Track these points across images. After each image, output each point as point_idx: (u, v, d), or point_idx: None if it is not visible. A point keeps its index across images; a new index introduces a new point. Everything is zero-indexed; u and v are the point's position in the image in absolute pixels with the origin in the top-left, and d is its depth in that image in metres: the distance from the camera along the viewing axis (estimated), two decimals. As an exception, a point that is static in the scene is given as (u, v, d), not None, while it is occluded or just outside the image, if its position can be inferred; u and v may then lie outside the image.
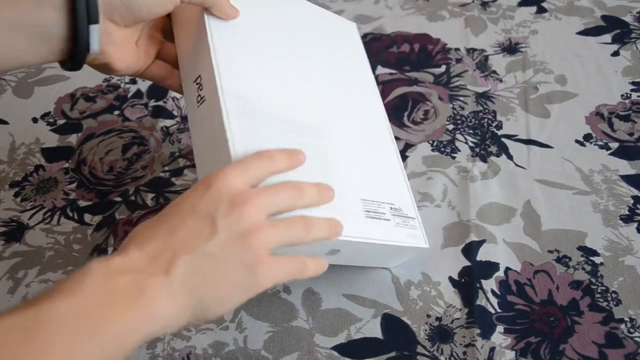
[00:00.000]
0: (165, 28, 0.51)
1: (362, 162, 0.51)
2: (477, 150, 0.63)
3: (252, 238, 0.36)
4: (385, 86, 0.72)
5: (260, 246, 0.37)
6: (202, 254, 0.35)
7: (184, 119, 0.72)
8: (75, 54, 0.42)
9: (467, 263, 0.54)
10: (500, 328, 0.49)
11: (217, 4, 0.46)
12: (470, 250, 0.54)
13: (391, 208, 0.49)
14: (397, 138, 0.66)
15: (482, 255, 0.54)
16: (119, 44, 0.45)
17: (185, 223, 0.36)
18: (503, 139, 0.64)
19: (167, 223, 0.37)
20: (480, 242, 0.55)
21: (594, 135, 0.63)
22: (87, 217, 0.62)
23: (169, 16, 0.51)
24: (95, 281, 0.33)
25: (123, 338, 0.33)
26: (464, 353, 0.48)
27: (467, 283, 0.52)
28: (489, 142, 0.64)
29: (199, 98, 0.45)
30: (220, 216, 0.36)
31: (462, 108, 0.68)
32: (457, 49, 0.76)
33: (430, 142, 0.65)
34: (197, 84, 0.45)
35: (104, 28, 0.42)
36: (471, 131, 0.66)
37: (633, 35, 0.74)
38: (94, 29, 0.41)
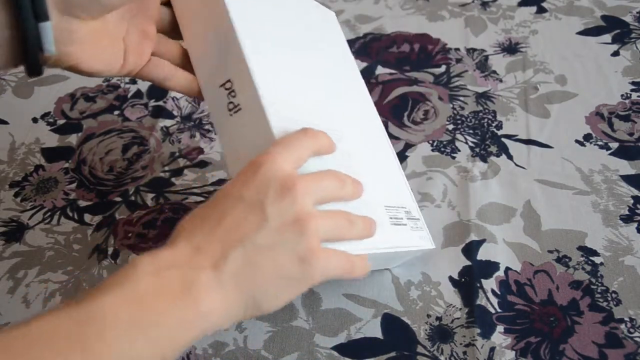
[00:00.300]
0: (165, 20, 0.46)
1: (375, 164, 0.49)
2: (477, 150, 0.63)
3: (304, 225, 0.34)
4: (385, 86, 0.72)
5: (313, 234, 0.34)
6: (252, 245, 0.33)
7: (184, 118, 0.72)
8: (27, 57, 0.36)
9: (467, 263, 0.54)
10: (500, 328, 0.49)
11: None
12: (470, 250, 0.54)
13: (404, 212, 0.48)
14: (397, 138, 0.66)
15: (482, 255, 0.54)
16: (87, 42, 0.38)
17: (233, 211, 0.34)
18: (503, 139, 0.64)
19: (214, 212, 0.35)
20: (480, 242, 0.55)
21: (594, 135, 0.63)
22: (87, 217, 0.62)
23: (170, 6, 0.46)
24: (142, 277, 0.32)
25: (173, 336, 0.31)
26: (464, 353, 0.48)
27: (467, 283, 0.52)
28: (489, 142, 0.64)
29: (232, 106, 0.41)
30: (270, 202, 0.34)
31: (462, 108, 0.68)
32: (457, 49, 0.76)
33: (430, 142, 0.65)
34: (226, 89, 0.42)
35: (61, 25, 0.36)
36: (471, 131, 0.66)
37: (633, 35, 0.74)
38: (44, 28, 0.35)
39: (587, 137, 0.63)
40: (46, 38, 0.35)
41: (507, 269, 0.53)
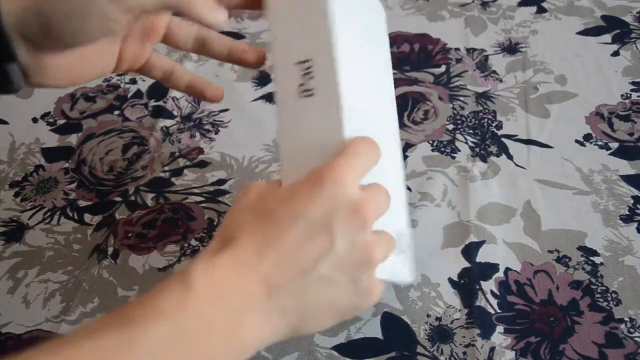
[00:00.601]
0: None
1: (395, 180, 0.45)
2: (477, 150, 0.63)
3: (371, 257, 0.32)
4: (385, 86, 0.72)
5: (375, 266, 0.33)
6: (315, 275, 0.31)
7: (184, 118, 0.72)
8: None
9: (467, 264, 0.53)
10: (500, 328, 0.49)
11: (192, 6, 0.35)
12: (470, 250, 0.54)
13: (403, 236, 0.45)
14: (397, 138, 0.66)
15: (482, 255, 0.54)
16: (68, 67, 0.37)
17: (295, 229, 0.31)
18: (503, 139, 0.64)
19: (273, 224, 0.32)
20: (480, 242, 0.55)
21: (594, 135, 0.63)
22: (87, 217, 0.62)
23: None
24: (198, 304, 0.29)
25: None
26: (464, 353, 0.48)
27: (466, 283, 0.52)
28: (489, 142, 0.64)
29: (303, 88, 0.37)
30: (338, 225, 0.31)
31: (462, 108, 0.68)
32: (457, 49, 0.76)
33: (430, 142, 0.65)
34: (303, 69, 0.38)
35: (33, 60, 0.35)
36: (471, 131, 0.66)
37: (633, 35, 0.74)
38: (11, 67, 0.34)
39: (587, 137, 0.63)
40: (13, 76, 0.34)
41: (507, 269, 0.53)
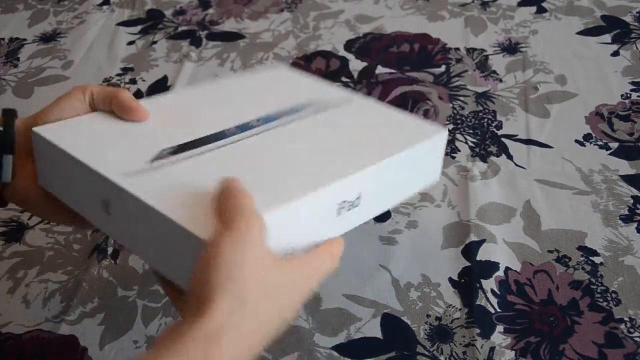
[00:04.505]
0: None
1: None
2: (477, 150, 0.63)
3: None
4: (385, 86, 0.73)
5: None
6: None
7: (184, 119, 0.71)
8: None
9: (467, 263, 0.53)
10: (500, 328, 0.49)
11: (120, 105, 0.45)
12: (470, 250, 0.54)
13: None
14: (397, 138, 0.66)
15: (482, 255, 0.54)
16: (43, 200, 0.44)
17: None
18: (503, 139, 0.64)
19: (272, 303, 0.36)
20: (480, 242, 0.55)
21: (594, 135, 0.63)
22: (87, 217, 0.62)
23: None
24: None
25: None
26: (464, 353, 0.48)
27: (466, 283, 0.52)
28: (489, 142, 0.64)
29: None
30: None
31: (462, 108, 0.68)
32: (457, 49, 0.76)
33: (430, 142, 0.65)
34: None
35: (22, 163, 0.42)
36: (471, 131, 0.66)
37: (633, 35, 0.74)
38: (6, 158, 0.41)
39: (587, 137, 0.63)
40: (5, 168, 0.41)
41: (507, 269, 0.53)
